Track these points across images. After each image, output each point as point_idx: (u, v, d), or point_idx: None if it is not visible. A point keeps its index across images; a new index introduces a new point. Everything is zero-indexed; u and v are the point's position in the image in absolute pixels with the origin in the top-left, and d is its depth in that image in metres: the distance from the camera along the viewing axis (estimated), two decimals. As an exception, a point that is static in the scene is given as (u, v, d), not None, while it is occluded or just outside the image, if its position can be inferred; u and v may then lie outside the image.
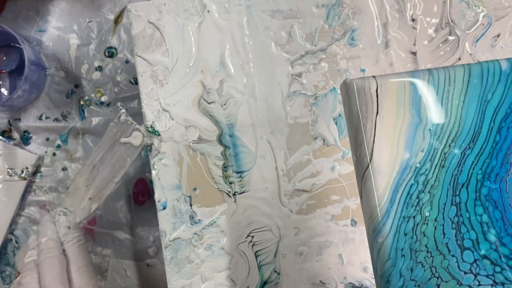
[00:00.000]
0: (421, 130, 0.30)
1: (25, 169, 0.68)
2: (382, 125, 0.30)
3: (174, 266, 0.50)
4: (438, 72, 0.30)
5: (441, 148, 0.30)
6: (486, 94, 0.30)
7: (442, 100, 0.30)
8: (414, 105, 0.30)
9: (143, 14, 0.53)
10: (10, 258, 0.69)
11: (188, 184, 0.51)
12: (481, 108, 0.31)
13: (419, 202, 0.30)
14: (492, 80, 0.30)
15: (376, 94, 0.30)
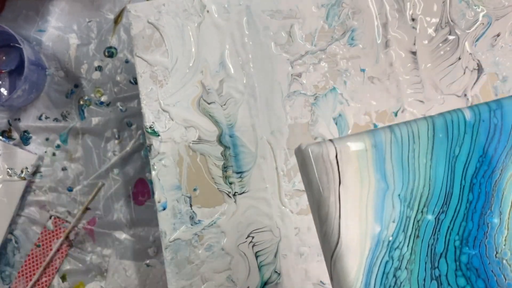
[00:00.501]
0: (390, 197, 0.27)
1: (25, 169, 0.68)
2: (347, 196, 0.26)
3: (174, 267, 0.50)
4: (401, 129, 0.27)
5: (413, 216, 0.27)
6: (454, 149, 0.28)
7: (408, 160, 0.27)
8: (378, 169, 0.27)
9: (143, 15, 0.53)
10: (10, 258, 0.69)
11: (188, 184, 0.51)
12: (450, 165, 0.28)
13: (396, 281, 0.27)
14: (457, 133, 0.28)
15: (336, 161, 0.26)
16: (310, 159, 0.26)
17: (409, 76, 0.53)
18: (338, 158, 0.26)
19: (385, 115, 0.53)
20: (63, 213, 0.69)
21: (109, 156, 0.69)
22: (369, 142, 0.27)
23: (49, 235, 0.68)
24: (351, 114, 0.53)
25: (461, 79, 0.53)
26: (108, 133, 0.69)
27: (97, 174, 0.69)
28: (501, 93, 0.53)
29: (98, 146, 0.69)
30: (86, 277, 0.68)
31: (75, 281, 0.68)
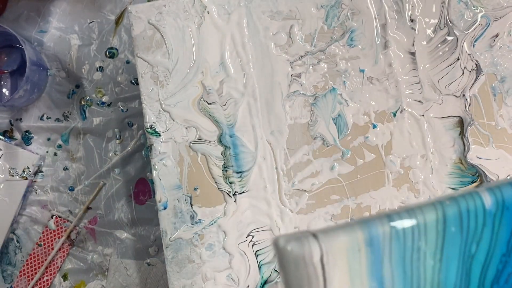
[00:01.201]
0: None
1: (27, 169, 0.68)
2: None
3: (175, 266, 0.51)
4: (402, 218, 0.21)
5: None
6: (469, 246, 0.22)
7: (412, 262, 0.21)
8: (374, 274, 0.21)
9: (144, 15, 0.53)
10: (12, 258, 0.69)
11: (189, 184, 0.52)
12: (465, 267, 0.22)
13: None
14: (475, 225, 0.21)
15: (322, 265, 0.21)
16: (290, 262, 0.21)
17: (408, 77, 0.53)
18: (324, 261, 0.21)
19: (384, 115, 0.53)
20: (65, 213, 0.69)
21: (110, 156, 0.69)
22: (363, 238, 0.21)
23: (50, 234, 0.69)
24: (350, 114, 0.53)
25: (459, 79, 0.53)
26: (109, 133, 0.69)
27: (98, 173, 0.69)
28: (499, 93, 0.54)
29: (99, 146, 0.69)
30: (87, 276, 0.68)
31: (76, 280, 0.68)
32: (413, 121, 0.53)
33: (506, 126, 0.53)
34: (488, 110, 0.53)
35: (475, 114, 0.53)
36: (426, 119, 0.53)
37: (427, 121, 0.53)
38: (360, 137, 0.53)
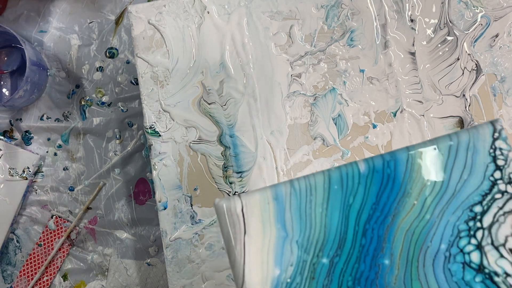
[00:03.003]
0: (289, 244, 0.30)
1: (26, 169, 0.68)
2: (251, 245, 0.30)
3: (174, 266, 0.51)
4: (299, 182, 0.30)
5: (309, 260, 0.30)
6: (348, 198, 0.30)
7: (306, 210, 0.30)
8: (279, 219, 0.30)
9: (144, 16, 0.53)
10: (12, 258, 0.69)
11: (189, 184, 0.52)
12: (344, 213, 0.30)
13: None
14: (352, 184, 0.30)
15: (242, 214, 0.30)
16: (223, 213, 0.30)
17: (408, 77, 0.53)
18: (244, 211, 0.30)
19: (384, 115, 0.53)
20: (65, 213, 0.69)
21: (110, 156, 0.69)
22: (271, 196, 0.30)
23: (50, 234, 0.69)
24: (350, 114, 0.53)
25: (459, 79, 0.53)
26: (109, 133, 0.69)
27: (98, 174, 0.69)
28: (499, 93, 0.54)
29: (99, 146, 0.69)
30: (87, 276, 0.68)
31: (76, 280, 0.68)
32: (413, 121, 0.53)
33: (506, 126, 0.53)
34: (488, 110, 0.53)
35: (475, 114, 0.53)
36: (426, 119, 0.53)
37: (427, 121, 0.53)
38: (360, 137, 0.53)
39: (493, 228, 0.30)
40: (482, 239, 0.30)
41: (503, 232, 0.30)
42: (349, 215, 0.31)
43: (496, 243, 0.30)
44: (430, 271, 0.30)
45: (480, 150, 0.31)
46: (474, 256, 0.30)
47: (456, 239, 0.30)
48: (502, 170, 0.31)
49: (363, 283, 0.30)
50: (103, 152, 0.69)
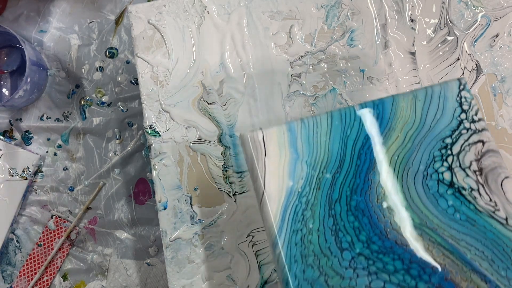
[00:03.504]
0: (300, 163, 0.39)
1: (26, 169, 0.68)
2: (270, 163, 0.38)
3: (174, 266, 0.51)
4: (308, 119, 0.39)
5: (316, 175, 0.38)
6: (346, 131, 0.39)
7: (313, 139, 0.39)
8: (292, 145, 0.39)
9: (144, 15, 0.53)
10: (11, 258, 0.69)
11: (189, 184, 0.52)
12: (343, 141, 0.39)
13: (303, 217, 0.38)
14: (349, 121, 0.39)
15: (263, 141, 0.39)
16: (247, 141, 0.39)
17: (408, 77, 0.53)
18: (264, 139, 0.39)
19: (384, 115, 0.53)
20: (65, 213, 0.69)
21: (110, 156, 0.69)
22: (286, 128, 0.39)
23: (50, 234, 0.69)
24: (351, 114, 0.53)
25: (459, 79, 0.53)
26: (109, 133, 0.69)
27: (98, 174, 0.69)
28: (499, 93, 0.54)
29: (99, 146, 0.69)
30: (87, 276, 0.68)
31: (76, 280, 0.68)
32: (413, 121, 0.53)
33: (507, 126, 0.53)
34: (488, 110, 0.53)
35: (475, 114, 0.53)
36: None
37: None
38: (360, 137, 0.53)
39: (461, 155, 0.39)
40: (452, 162, 0.39)
41: (468, 158, 0.39)
42: (347, 143, 0.39)
43: (463, 166, 0.39)
44: (412, 185, 0.38)
45: (449, 97, 0.40)
46: (446, 175, 0.38)
47: (432, 162, 0.39)
48: (466, 113, 0.40)
49: (359, 192, 0.38)
50: (103, 152, 0.69)
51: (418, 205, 0.38)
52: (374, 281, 0.36)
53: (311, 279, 0.36)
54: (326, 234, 0.37)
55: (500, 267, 0.36)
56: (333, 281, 0.36)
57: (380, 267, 0.36)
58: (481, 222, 0.37)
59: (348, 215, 0.38)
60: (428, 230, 0.37)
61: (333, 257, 0.37)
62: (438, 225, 0.37)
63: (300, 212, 0.38)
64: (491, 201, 0.38)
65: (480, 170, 0.38)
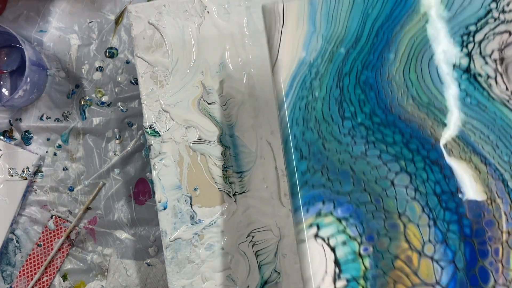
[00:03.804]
0: (315, 36, 0.40)
1: (26, 169, 0.68)
2: (286, 34, 0.40)
3: (174, 266, 0.51)
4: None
5: (330, 48, 0.40)
6: (368, 9, 0.40)
7: (333, 14, 0.40)
8: (311, 18, 0.40)
9: (143, 15, 0.53)
10: (11, 258, 0.69)
11: (189, 184, 0.51)
12: (363, 20, 0.40)
13: (311, 86, 0.40)
14: (372, 1, 0.40)
15: (282, 12, 0.40)
16: (267, 11, 0.40)
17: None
18: (284, 10, 0.40)
19: (384, 115, 0.53)
20: (64, 213, 0.69)
21: (110, 156, 0.69)
22: (307, 2, 0.40)
23: (50, 234, 0.68)
24: (351, 114, 0.53)
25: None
26: (109, 133, 0.69)
27: (98, 174, 0.69)
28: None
29: (99, 146, 0.69)
30: (87, 277, 0.68)
31: (76, 280, 0.68)
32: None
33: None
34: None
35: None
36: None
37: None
38: (360, 137, 0.53)
39: (483, 43, 0.39)
40: (472, 49, 0.39)
41: (490, 46, 0.38)
42: (367, 21, 0.40)
43: (483, 54, 0.38)
44: (426, 67, 0.39)
45: (480, -14, 0.40)
46: (463, 60, 0.39)
47: (450, 46, 0.39)
48: (497, 2, 0.39)
49: (370, 68, 0.39)
50: (103, 152, 0.69)
51: (429, 85, 0.38)
52: (371, 150, 0.38)
53: (309, 140, 0.39)
54: (330, 103, 0.39)
55: (503, 152, 0.37)
56: (331, 145, 0.38)
57: (379, 137, 0.38)
58: (492, 108, 0.38)
59: (355, 88, 0.39)
60: (435, 110, 0.38)
61: (334, 124, 0.39)
62: (446, 106, 0.38)
63: (308, 81, 0.40)
64: (507, 90, 0.38)
65: (501, 59, 0.38)
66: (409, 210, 0.37)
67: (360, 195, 0.37)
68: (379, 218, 0.37)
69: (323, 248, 0.37)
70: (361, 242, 0.37)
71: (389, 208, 0.37)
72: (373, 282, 0.36)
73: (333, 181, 0.38)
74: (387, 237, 0.37)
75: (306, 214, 0.37)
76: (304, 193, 0.38)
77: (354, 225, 0.37)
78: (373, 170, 0.38)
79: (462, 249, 0.36)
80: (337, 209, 0.37)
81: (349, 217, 0.37)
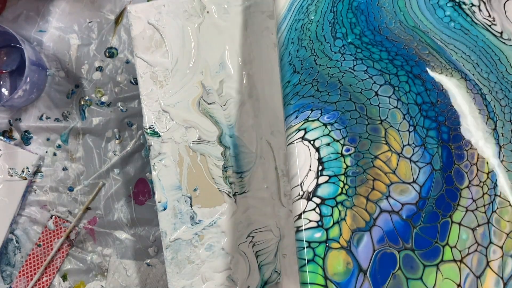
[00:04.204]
0: None
1: (26, 169, 0.68)
2: None
3: (174, 267, 0.50)
4: None
5: None
6: None
7: None
8: None
9: (143, 15, 0.53)
10: (11, 258, 0.69)
11: (189, 184, 0.51)
12: None
13: (307, 10, 0.43)
14: None
15: None
16: None
17: (408, 77, 0.53)
18: None
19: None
20: (64, 213, 0.69)
21: (109, 156, 0.69)
22: None
23: (50, 234, 0.68)
24: (351, 114, 0.53)
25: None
26: (109, 133, 0.69)
27: (97, 174, 0.69)
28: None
29: (98, 146, 0.69)
30: (87, 277, 0.68)
31: (76, 280, 0.68)
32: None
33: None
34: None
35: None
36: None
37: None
38: (361, 137, 0.53)
39: None
40: None
41: None
42: None
43: None
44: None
45: None
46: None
47: None
48: None
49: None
50: (103, 152, 0.69)
51: (415, 11, 0.42)
52: (359, 65, 0.41)
53: (303, 57, 0.42)
54: (324, 25, 0.43)
55: (483, 70, 0.40)
56: (322, 61, 0.42)
57: (366, 55, 0.41)
58: (475, 32, 0.41)
59: (348, 12, 0.43)
60: (420, 32, 0.41)
61: (326, 43, 0.42)
62: (430, 29, 0.41)
63: (305, 6, 0.43)
64: (489, 16, 0.41)
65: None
66: (391, 117, 0.39)
67: (346, 103, 0.40)
68: (362, 123, 0.40)
69: (308, 148, 0.40)
70: (343, 144, 0.40)
71: (371, 115, 0.40)
72: (353, 179, 0.39)
73: (321, 92, 0.41)
74: (368, 140, 0.39)
75: (295, 120, 0.41)
76: (295, 101, 0.42)
77: (338, 130, 0.40)
78: (359, 83, 0.41)
79: (439, 153, 0.39)
80: (324, 115, 0.41)
81: (334, 122, 0.40)
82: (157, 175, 0.51)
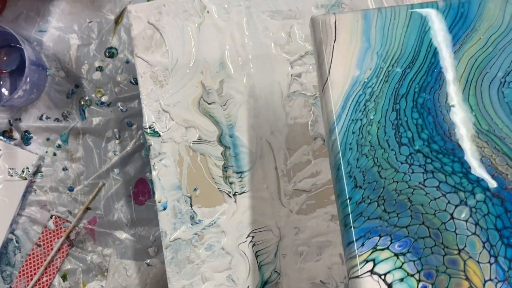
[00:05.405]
0: (370, 53, 0.37)
1: (26, 169, 0.68)
2: (338, 50, 0.37)
3: (174, 267, 0.50)
4: (386, 10, 0.38)
5: (385, 67, 0.37)
6: (425, 26, 0.38)
7: (388, 30, 0.37)
8: (365, 33, 0.37)
9: (143, 15, 0.53)
10: (11, 258, 0.69)
11: (189, 184, 0.51)
12: (420, 37, 0.37)
13: (365, 108, 0.37)
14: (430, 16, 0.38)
15: (334, 26, 0.37)
16: (318, 24, 0.37)
17: None
18: (336, 24, 0.37)
19: (384, 115, 0.53)
20: (64, 213, 0.69)
21: (109, 156, 0.69)
22: (361, 15, 0.37)
23: (50, 234, 0.68)
24: (351, 114, 0.53)
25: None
26: (109, 133, 0.69)
27: (97, 174, 0.69)
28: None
29: (98, 146, 0.69)
30: (87, 277, 0.68)
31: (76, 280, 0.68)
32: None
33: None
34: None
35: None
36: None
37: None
38: (361, 137, 0.53)
39: None
40: None
41: None
42: (424, 39, 0.37)
43: None
44: (486, 91, 0.36)
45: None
46: None
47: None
48: None
49: (428, 90, 0.37)
50: (103, 152, 0.69)
51: (489, 111, 0.36)
52: (429, 180, 0.35)
53: (364, 168, 0.36)
54: (386, 127, 0.36)
55: None
56: (387, 173, 0.36)
57: (437, 166, 0.35)
58: None
59: (412, 111, 0.37)
60: (495, 138, 0.36)
61: (390, 150, 0.36)
62: (507, 134, 0.36)
63: (362, 102, 0.37)
64: None
65: None
66: (469, 246, 0.34)
67: (419, 228, 0.35)
68: (438, 254, 0.34)
69: (379, 284, 0.34)
70: (419, 279, 0.34)
71: (448, 243, 0.34)
72: None
73: (390, 213, 0.35)
74: (446, 274, 0.34)
75: (362, 248, 0.34)
76: (359, 224, 0.35)
77: (412, 261, 0.34)
78: (431, 202, 0.35)
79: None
80: (394, 243, 0.35)
81: (407, 252, 0.34)
82: (157, 175, 0.51)
